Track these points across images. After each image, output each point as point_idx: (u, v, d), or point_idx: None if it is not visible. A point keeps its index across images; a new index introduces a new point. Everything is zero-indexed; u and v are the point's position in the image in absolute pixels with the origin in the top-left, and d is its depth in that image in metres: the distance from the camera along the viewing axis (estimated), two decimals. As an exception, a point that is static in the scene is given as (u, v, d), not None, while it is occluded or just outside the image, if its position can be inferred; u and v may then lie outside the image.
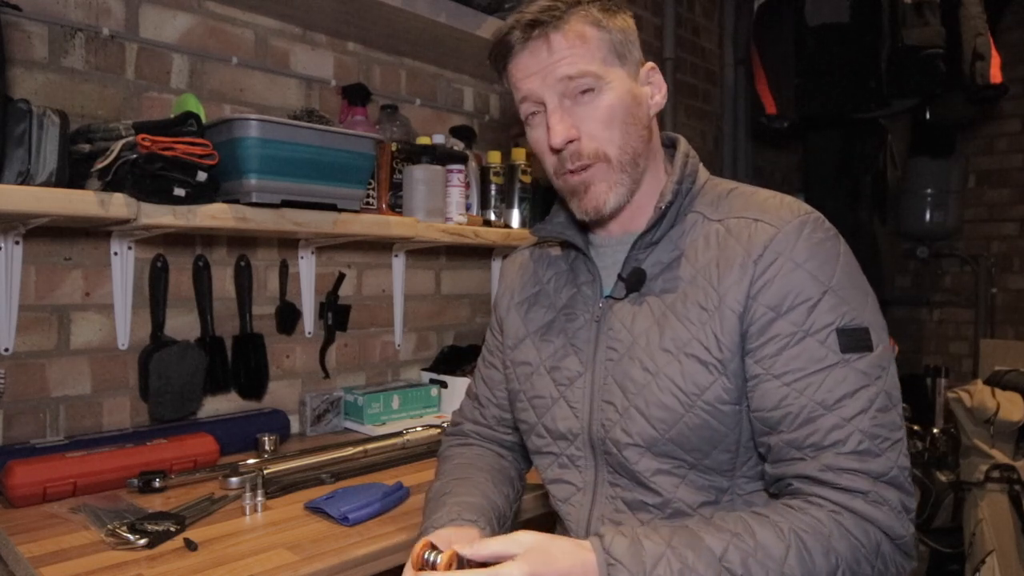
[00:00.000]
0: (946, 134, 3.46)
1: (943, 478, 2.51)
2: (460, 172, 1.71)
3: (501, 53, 0.88)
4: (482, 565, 0.69)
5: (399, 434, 1.46)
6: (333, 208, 1.37)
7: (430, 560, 0.73)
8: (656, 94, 0.91)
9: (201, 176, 1.18)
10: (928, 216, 3.51)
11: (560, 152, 0.86)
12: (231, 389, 1.53)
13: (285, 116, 1.45)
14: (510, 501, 0.98)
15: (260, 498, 1.13)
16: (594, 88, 0.84)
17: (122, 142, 1.10)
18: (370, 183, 1.56)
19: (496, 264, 2.11)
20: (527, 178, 1.87)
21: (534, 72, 0.85)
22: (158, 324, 1.41)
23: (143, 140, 1.10)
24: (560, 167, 0.87)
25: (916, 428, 2.56)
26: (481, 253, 2.07)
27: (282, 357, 1.64)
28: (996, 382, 2.46)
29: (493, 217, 1.86)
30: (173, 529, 1.00)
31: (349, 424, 1.68)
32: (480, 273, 2.09)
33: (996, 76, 2.50)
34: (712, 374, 0.80)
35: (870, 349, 0.76)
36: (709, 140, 2.97)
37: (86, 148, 1.14)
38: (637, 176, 0.88)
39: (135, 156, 1.10)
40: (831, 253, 0.79)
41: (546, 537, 0.70)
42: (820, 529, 0.71)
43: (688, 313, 0.82)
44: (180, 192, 1.16)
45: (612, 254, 0.92)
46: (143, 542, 0.95)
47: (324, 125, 1.36)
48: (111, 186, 1.11)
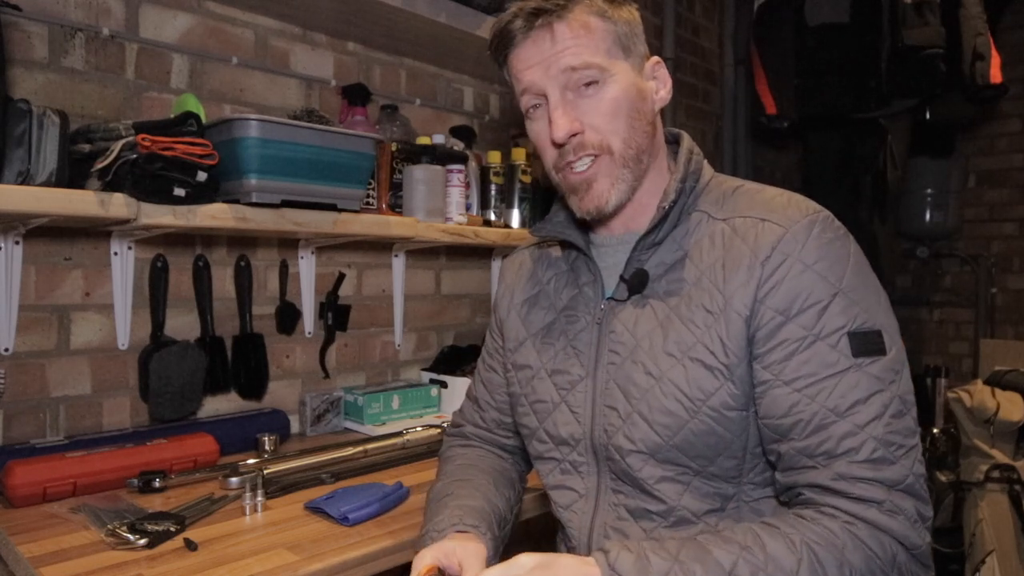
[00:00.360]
0: (946, 134, 3.45)
1: (943, 478, 2.51)
2: (460, 172, 1.71)
3: (502, 43, 0.85)
4: None
5: (399, 434, 1.46)
6: (333, 208, 1.37)
7: None
8: (661, 89, 0.89)
9: (201, 176, 1.18)
10: (928, 216, 3.51)
11: (562, 146, 0.83)
12: (231, 389, 1.53)
13: (285, 116, 1.45)
14: (511, 504, 0.97)
15: (260, 498, 1.13)
16: (598, 80, 0.81)
17: (122, 142, 1.10)
18: (370, 183, 1.56)
19: (496, 264, 2.11)
20: (527, 178, 1.87)
21: (536, 63, 0.82)
22: (158, 324, 1.41)
23: (143, 140, 1.10)
24: (560, 161, 0.85)
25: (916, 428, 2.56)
26: (481, 253, 2.07)
27: (282, 357, 1.64)
28: (996, 382, 2.46)
29: (493, 217, 1.86)
30: (173, 529, 1.00)
31: (349, 424, 1.68)
32: (480, 273, 2.09)
33: (996, 76, 2.51)
34: (718, 379, 0.77)
35: (883, 352, 0.74)
36: (709, 140, 2.96)
37: (86, 148, 1.13)
38: (640, 173, 0.85)
39: (135, 156, 1.10)
40: (841, 253, 0.77)
41: (548, 556, 0.69)
42: (833, 541, 0.69)
43: (693, 316, 0.80)
44: (180, 192, 1.16)
45: (614, 254, 0.90)
46: (143, 542, 0.95)
47: (324, 125, 1.36)
48: (111, 186, 1.11)
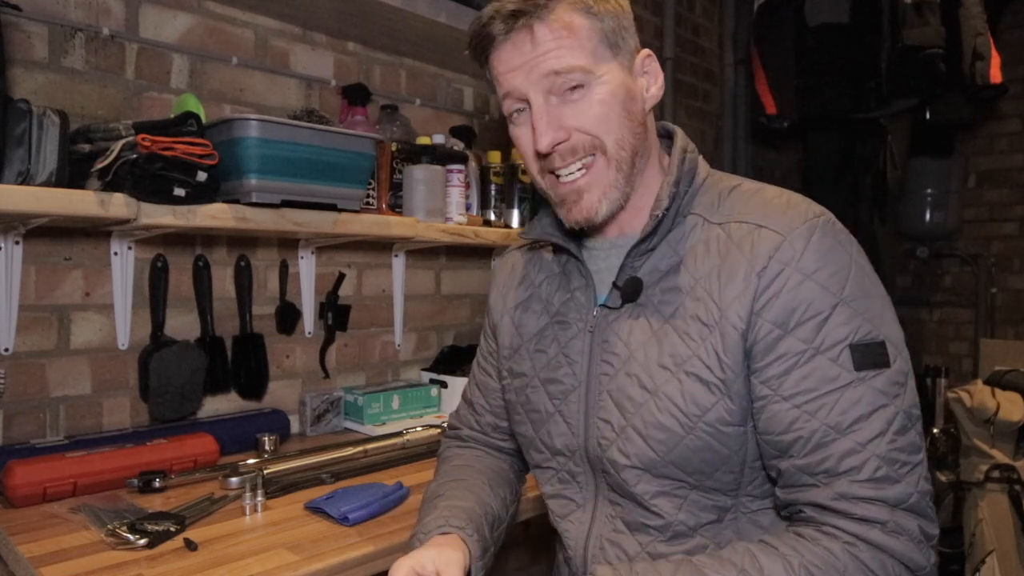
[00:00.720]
0: (946, 134, 3.46)
1: (943, 478, 2.51)
2: (460, 172, 1.71)
3: (481, 45, 0.80)
4: None
5: (399, 434, 1.46)
6: (333, 208, 1.37)
7: None
8: (652, 85, 0.83)
9: (201, 176, 1.18)
10: (928, 216, 3.51)
11: (547, 156, 0.79)
12: (231, 389, 1.53)
13: (285, 116, 1.45)
14: (506, 504, 0.97)
15: (260, 498, 1.13)
16: (584, 84, 0.76)
17: (122, 142, 1.10)
18: (370, 183, 1.56)
19: (496, 264, 2.11)
20: (527, 178, 1.86)
21: (517, 66, 0.77)
22: (158, 324, 1.41)
23: (143, 140, 1.10)
24: (547, 167, 0.81)
25: (917, 428, 2.56)
26: (481, 253, 2.07)
27: (282, 357, 1.64)
28: (996, 382, 2.46)
29: (493, 217, 1.86)
30: (173, 529, 1.00)
31: (349, 424, 1.68)
32: (480, 273, 2.09)
33: (996, 76, 2.51)
34: (714, 394, 0.75)
35: (887, 364, 0.70)
36: (709, 140, 2.96)
37: (86, 148, 1.13)
38: (632, 177, 0.81)
39: (135, 156, 1.10)
40: (842, 260, 0.73)
41: None
42: (834, 564, 0.67)
43: (688, 328, 0.77)
44: (180, 192, 1.16)
45: (606, 257, 0.87)
46: (143, 542, 0.95)
47: (324, 125, 1.36)
48: (111, 186, 1.11)
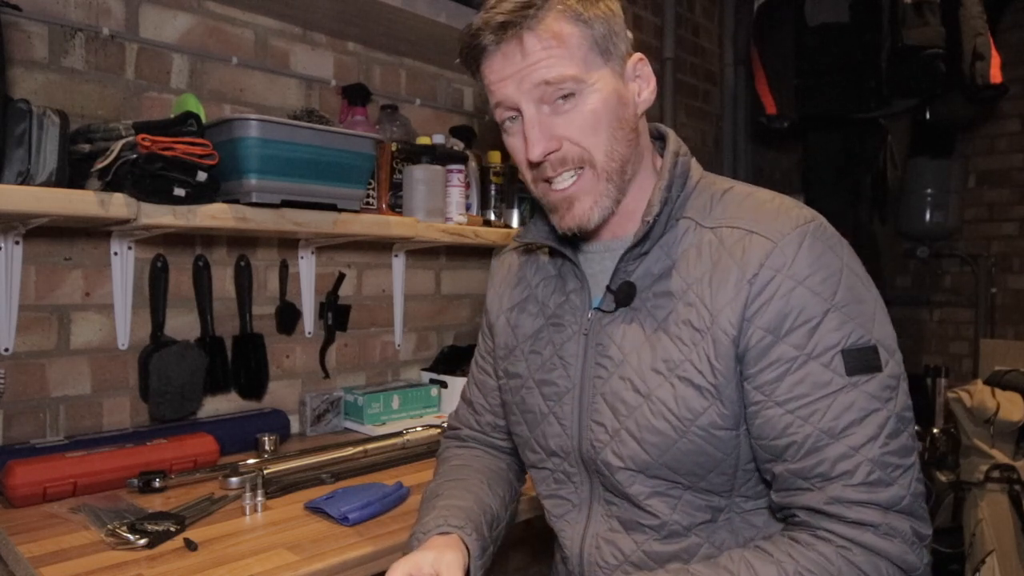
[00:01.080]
0: (946, 134, 3.45)
1: (943, 478, 2.51)
2: (460, 172, 1.71)
3: (472, 55, 0.81)
4: None
5: (399, 434, 1.46)
6: (333, 208, 1.37)
7: None
8: (644, 89, 0.83)
9: (201, 176, 1.18)
10: (928, 216, 3.50)
11: (539, 165, 0.80)
12: (231, 389, 1.53)
13: (285, 116, 1.45)
14: (505, 503, 0.97)
15: (260, 498, 1.13)
16: (575, 93, 0.77)
17: (122, 142, 1.10)
18: (370, 183, 1.56)
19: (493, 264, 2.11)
20: (527, 178, 1.87)
21: (508, 76, 0.78)
22: (158, 324, 1.41)
23: (143, 140, 1.10)
24: (539, 176, 0.82)
25: (916, 428, 2.56)
26: (481, 253, 2.07)
27: (282, 357, 1.64)
28: (996, 382, 2.45)
29: (493, 217, 1.86)
30: (173, 529, 1.00)
31: (349, 424, 1.68)
32: (480, 273, 2.09)
33: (996, 76, 2.51)
34: (706, 399, 0.76)
35: (879, 368, 0.71)
36: (709, 140, 2.96)
37: (86, 148, 1.14)
38: (624, 184, 0.82)
39: (135, 156, 1.10)
40: (834, 266, 0.74)
41: None
42: (828, 568, 0.68)
43: (680, 332, 0.78)
44: (180, 192, 1.16)
45: (600, 260, 0.88)
46: (143, 542, 0.95)
47: (324, 125, 1.36)
48: (111, 186, 1.11)
